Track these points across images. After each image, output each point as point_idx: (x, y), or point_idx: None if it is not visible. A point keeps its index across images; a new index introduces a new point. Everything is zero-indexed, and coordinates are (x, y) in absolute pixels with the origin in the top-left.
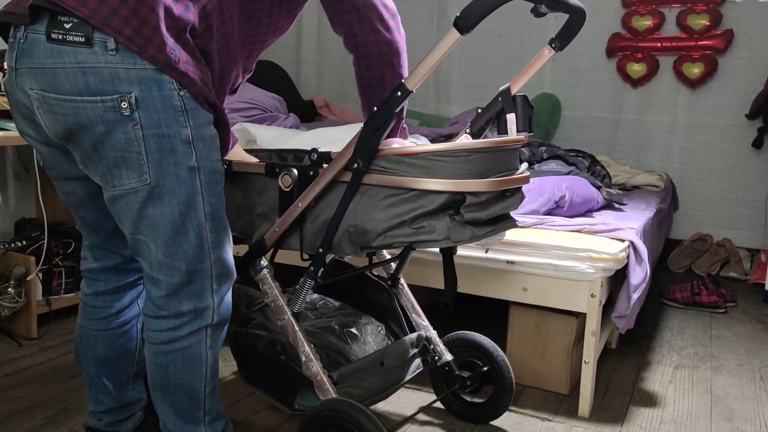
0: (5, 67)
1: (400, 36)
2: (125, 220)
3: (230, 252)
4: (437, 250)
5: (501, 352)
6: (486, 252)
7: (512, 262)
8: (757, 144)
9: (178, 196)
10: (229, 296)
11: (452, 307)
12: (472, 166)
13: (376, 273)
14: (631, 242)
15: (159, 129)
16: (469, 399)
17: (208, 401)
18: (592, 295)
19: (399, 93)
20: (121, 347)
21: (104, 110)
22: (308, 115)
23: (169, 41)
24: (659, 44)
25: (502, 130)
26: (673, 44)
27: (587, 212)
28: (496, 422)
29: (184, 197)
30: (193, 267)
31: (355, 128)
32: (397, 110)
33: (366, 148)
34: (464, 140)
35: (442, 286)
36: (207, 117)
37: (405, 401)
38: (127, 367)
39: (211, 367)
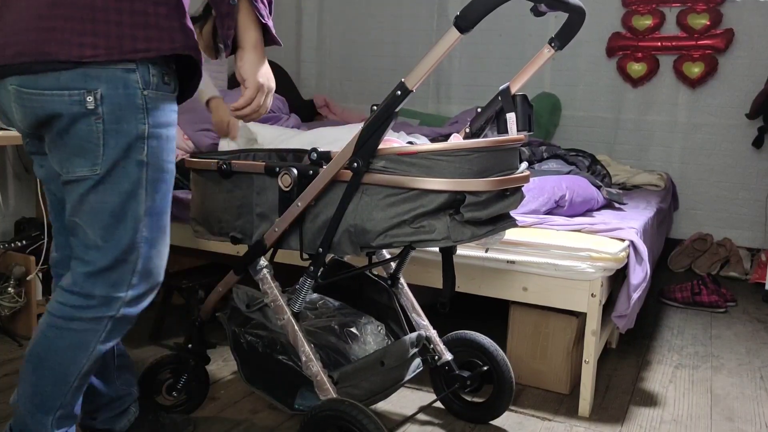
0: None
1: None
2: (69, 202)
3: (162, 257)
4: (437, 249)
5: (501, 352)
6: (486, 251)
7: (512, 262)
8: (758, 143)
9: (122, 186)
10: (144, 298)
11: (449, 306)
12: (472, 165)
13: (375, 272)
14: (632, 242)
15: (119, 125)
16: (469, 398)
17: (69, 395)
18: (592, 294)
19: (399, 92)
20: None
21: (70, 103)
22: (308, 114)
23: (175, 24)
24: (659, 44)
25: (502, 129)
26: (674, 44)
27: (587, 212)
28: (496, 422)
29: (127, 188)
30: (120, 256)
31: (355, 128)
32: (396, 109)
33: (366, 148)
34: (454, 140)
35: (441, 286)
36: (169, 118)
37: (405, 401)
38: (107, 361)
39: (92, 363)
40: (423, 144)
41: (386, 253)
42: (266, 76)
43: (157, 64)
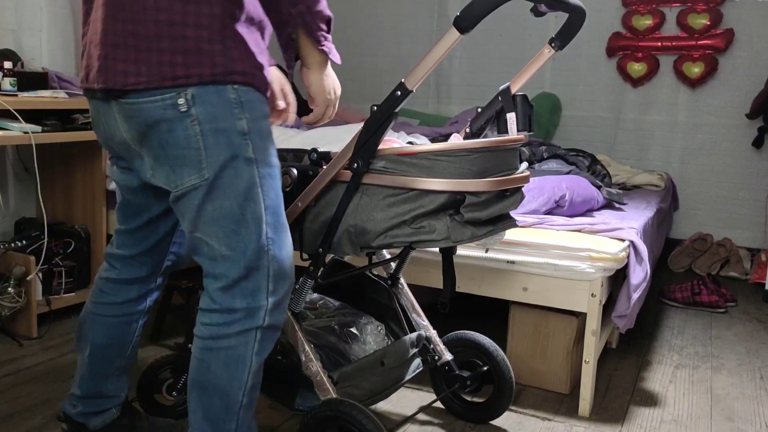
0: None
1: None
2: (186, 217)
3: (290, 254)
4: (437, 249)
5: (501, 352)
6: (486, 252)
7: (512, 262)
8: (758, 143)
9: (237, 187)
10: (284, 303)
11: (449, 307)
12: (472, 166)
13: (375, 273)
14: (632, 242)
15: (216, 123)
16: (469, 399)
17: (242, 413)
18: (592, 294)
19: (399, 92)
20: (116, 338)
21: (164, 107)
22: (308, 114)
23: (217, 47)
24: (659, 44)
25: (502, 129)
26: (674, 44)
27: (587, 212)
28: (496, 422)
29: (242, 189)
30: (251, 263)
31: (355, 128)
32: (396, 110)
33: (366, 148)
34: (454, 140)
35: (441, 286)
36: (263, 110)
37: (405, 401)
38: (115, 358)
39: (254, 376)
40: (423, 144)
41: (386, 253)
42: (332, 89)
43: None
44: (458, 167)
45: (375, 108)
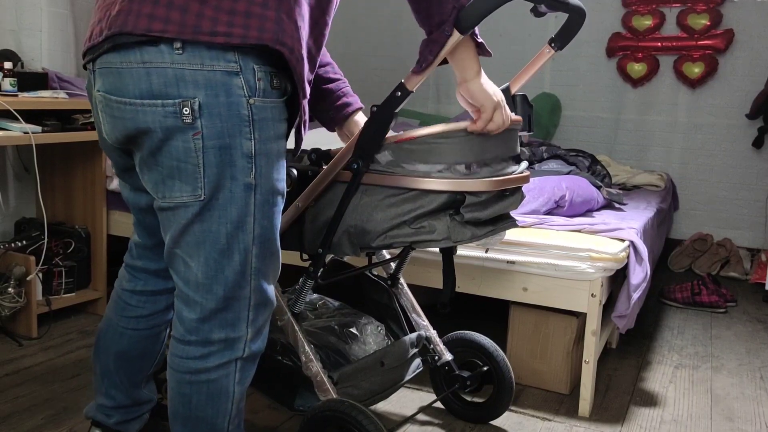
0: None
1: None
2: (168, 231)
3: (275, 278)
4: (437, 249)
5: (501, 352)
6: (486, 252)
7: (512, 262)
8: (758, 144)
9: (229, 213)
10: (265, 329)
11: (450, 307)
12: (472, 146)
13: (375, 273)
14: (632, 242)
15: (221, 140)
16: (469, 399)
17: None
18: (592, 294)
19: (399, 93)
20: (145, 348)
21: (164, 115)
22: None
23: (270, 14)
24: (659, 44)
25: None
26: (674, 44)
27: (587, 212)
28: (496, 422)
29: (234, 216)
30: (231, 293)
31: None
32: (396, 110)
33: (366, 148)
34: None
35: (441, 286)
36: (278, 131)
37: (405, 401)
38: (146, 367)
39: (237, 404)
40: (421, 128)
41: (386, 254)
42: (495, 92)
43: (265, 63)
44: (458, 149)
45: (375, 108)
